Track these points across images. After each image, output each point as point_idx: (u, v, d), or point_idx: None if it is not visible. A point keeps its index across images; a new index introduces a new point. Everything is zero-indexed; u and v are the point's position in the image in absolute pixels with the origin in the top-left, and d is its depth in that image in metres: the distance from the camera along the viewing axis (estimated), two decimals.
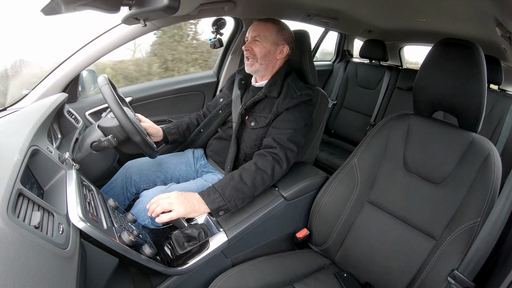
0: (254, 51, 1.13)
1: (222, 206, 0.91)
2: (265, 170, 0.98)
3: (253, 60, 1.14)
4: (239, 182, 0.94)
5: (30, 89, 1.24)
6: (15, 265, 0.43)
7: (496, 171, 0.80)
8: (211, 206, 0.90)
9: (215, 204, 0.90)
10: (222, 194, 0.91)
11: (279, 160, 1.01)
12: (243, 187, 0.94)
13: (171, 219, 0.86)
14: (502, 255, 0.76)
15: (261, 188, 0.98)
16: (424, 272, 0.83)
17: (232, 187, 0.93)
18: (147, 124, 1.24)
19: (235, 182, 0.94)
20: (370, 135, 1.04)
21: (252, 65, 1.15)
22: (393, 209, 0.95)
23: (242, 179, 0.95)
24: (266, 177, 0.98)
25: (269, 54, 1.14)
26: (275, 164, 1.00)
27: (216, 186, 0.93)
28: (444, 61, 0.86)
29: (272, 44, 1.14)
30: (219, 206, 0.91)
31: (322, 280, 0.96)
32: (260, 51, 1.13)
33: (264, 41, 1.13)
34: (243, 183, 0.94)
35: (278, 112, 1.10)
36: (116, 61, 2.90)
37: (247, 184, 0.94)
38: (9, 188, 0.54)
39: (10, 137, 0.73)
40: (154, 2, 0.75)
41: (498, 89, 1.97)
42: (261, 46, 1.13)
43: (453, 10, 1.37)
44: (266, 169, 0.98)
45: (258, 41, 1.13)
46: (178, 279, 0.90)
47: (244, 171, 0.97)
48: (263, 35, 1.13)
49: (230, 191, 0.92)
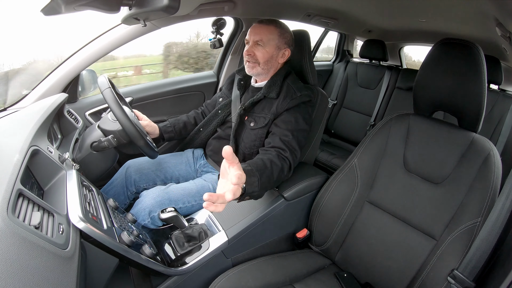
0: (257, 55, 1.11)
1: (255, 192, 0.82)
2: (284, 170, 0.95)
3: (255, 64, 1.12)
4: (271, 173, 0.88)
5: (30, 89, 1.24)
6: (15, 265, 0.43)
7: (496, 171, 0.80)
8: (249, 188, 0.80)
9: (253, 187, 0.81)
10: (259, 179, 0.83)
11: (290, 165, 0.99)
12: (271, 180, 0.89)
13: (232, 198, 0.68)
14: (502, 255, 0.76)
15: (275, 185, 0.96)
16: (424, 272, 0.83)
17: (266, 176, 0.86)
18: (145, 122, 1.24)
19: (268, 172, 0.88)
20: (370, 135, 1.04)
21: (254, 68, 1.13)
22: (393, 209, 0.95)
23: (273, 172, 0.90)
24: (282, 176, 0.96)
25: (272, 58, 1.13)
26: (289, 169, 0.98)
27: (255, 169, 0.84)
28: (444, 61, 0.86)
29: (275, 48, 1.12)
30: (253, 190, 0.81)
31: (322, 280, 0.96)
32: (263, 56, 1.11)
33: (267, 46, 1.11)
34: (272, 175, 0.89)
35: (278, 112, 1.09)
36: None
37: (274, 177, 0.90)
38: (9, 188, 0.54)
39: (10, 137, 0.73)
40: (154, 2, 0.75)
41: (498, 89, 1.97)
42: (264, 51, 1.11)
43: (453, 10, 1.37)
44: (285, 169, 0.95)
45: (260, 46, 1.10)
46: (178, 279, 0.90)
47: (274, 164, 0.92)
48: (266, 40, 1.10)
49: (265, 179, 0.85)
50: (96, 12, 0.85)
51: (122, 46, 1.30)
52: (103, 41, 1.26)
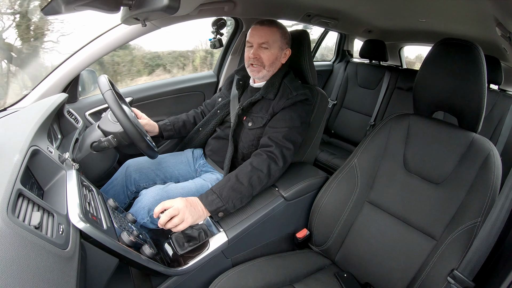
0: (262, 58, 1.11)
1: (221, 207, 0.92)
2: (261, 169, 0.98)
3: (260, 67, 1.13)
4: (236, 182, 0.94)
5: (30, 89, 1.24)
6: (15, 266, 0.43)
7: (496, 171, 0.80)
8: (209, 208, 0.91)
9: (213, 205, 0.91)
10: (219, 196, 0.92)
11: (274, 158, 1.01)
12: (240, 187, 0.94)
13: (182, 229, 0.87)
14: (502, 255, 0.76)
15: (259, 187, 0.98)
16: (424, 272, 0.83)
17: (229, 188, 0.93)
18: (144, 121, 1.24)
19: (231, 183, 0.94)
20: (370, 135, 1.04)
21: (260, 72, 1.14)
22: (393, 209, 0.95)
23: (239, 179, 0.95)
24: (262, 176, 0.98)
25: (276, 60, 1.14)
26: (271, 162, 1.00)
27: (214, 188, 0.94)
28: (444, 61, 0.86)
29: (279, 49, 1.13)
30: (217, 207, 0.91)
31: (322, 280, 0.96)
32: (269, 59, 1.12)
33: (272, 48, 1.11)
34: (239, 183, 0.94)
35: (274, 112, 1.10)
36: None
37: (243, 184, 0.95)
38: (9, 188, 0.54)
39: (10, 137, 0.73)
40: (154, 2, 0.75)
41: (498, 89, 1.97)
42: (269, 53, 1.11)
43: (453, 10, 1.37)
44: (262, 168, 0.98)
45: (266, 48, 1.11)
46: (178, 279, 0.90)
47: (240, 171, 0.98)
48: (271, 41, 1.11)
49: (228, 192, 0.92)
50: (96, 12, 0.85)
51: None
52: (103, 41, 1.26)
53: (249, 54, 1.13)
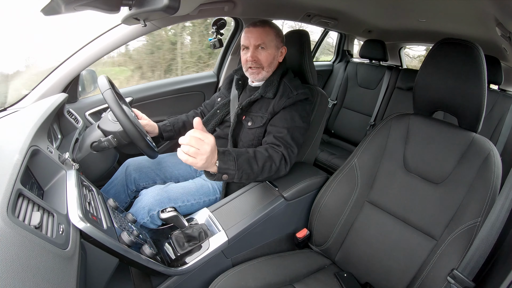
0: (260, 60, 1.12)
1: (230, 170, 0.87)
2: (275, 161, 0.98)
3: (259, 69, 1.13)
4: (253, 158, 0.94)
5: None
6: (15, 265, 0.43)
7: (496, 171, 0.80)
8: (222, 164, 0.85)
9: (226, 164, 0.86)
10: (235, 159, 0.89)
11: (286, 158, 1.02)
12: (254, 165, 0.93)
13: (188, 162, 0.76)
14: (502, 255, 0.76)
15: (266, 175, 0.98)
16: (424, 272, 0.83)
17: (245, 159, 0.92)
18: (145, 121, 1.24)
19: (249, 156, 0.93)
20: (370, 135, 1.04)
21: (259, 74, 1.14)
22: (393, 209, 0.95)
23: (256, 157, 0.95)
24: (274, 167, 0.98)
25: (274, 59, 1.14)
26: (282, 160, 1.01)
27: (232, 151, 0.90)
28: (444, 61, 0.86)
29: (275, 49, 1.14)
30: (228, 167, 0.87)
31: (322, 280, 0.96)
32: (267, 59, 1.12)
33: (269, 48, 1.12)
34: (255, 161, 0.94)
35: (275, 111, 1.10)
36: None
37: (258, 165, 0.94)
38: (9, 188, 0.54)
39: (10, 137, 0.73)
40: (154, 2, 0.75)
41: (498, 89, 1.97)
42: (266, 54, 1.12)
43: (453, 10, 1.37)
44: (275, 160, 0.98)
45: (263, 49, 1.11)
46: (178, 279, 0.90)
47: (258, 152, 0.97)
48: (267, 42, 1.11)
49: (243, 161, 0.90)
50: (96, 12, 0.85)
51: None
52: (103, 41, 1.27)
53: (247, 57, 1.13)
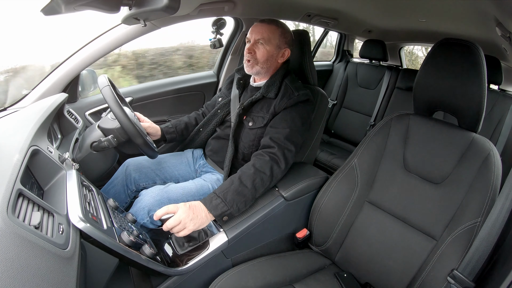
0: (256, 54, 1.12)
1: (226, 212, 0.91)
2: (264, 171, 0.98)
3: (253, 63, 1.13)
4: (240, 185, 0.94)
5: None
6: (15, 265, 0.43)
7: (496, 171, 0.80)
8: (214, 212, 0.89)
9: (218, 210, 0.90)
10: (224, 199, 0.91)
11: (277, 159, 1.00)
12: (244, 190, 0.93)
13: (184, 235, 0.86)
14: (502, 255, 0.76)
15: (262, 189, 0.98)
16: (424, 272, 0.83)
17: (233, 191, 0.92)
18: (147, 123, 1.24)
19: (235, 186, 0.93)
20: (370, 135, 1.04)
21: (253, 67, 1.14)
22: (393, 209, 0.95)
23: (242, 182, 0.95)
24: (265, 178, 0.97)
25: (271, 58, 1.14)
26: (273, 164, 1.00)
27: (217, 192, 0.93)
28: (444, 61, 0.86)
29: (275, 47, 1.13)
30: (222, 212, 0.90)
31: (322, 280, 0.96)
32: (263, 55, 1.12)
33: (268, 45, 1.12)
34: (243, 186, 0.94)
35: (276, 112, 1.10)
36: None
37: (247, 187, 0.94)
38: (9, 188, 0.54)
39: (10, 137, 0.73)
40: (154, 2, 0.75)
41: (498, 89, 1.97)
42: (264, 49, 1.12)
43: (453, 10, 1.37)
44: (264, 170, 0.98)
45: (261, 44, 1.11)
46: (178, 279, 0.90)
47: (243, 174, 0.97)
48: (267, 38, 1.11)
49: (232, 195, 0.92)
50: (96, 12, 0.85)
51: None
52: (103, 41, 1.27)
53: (245, 49, 1.14)
